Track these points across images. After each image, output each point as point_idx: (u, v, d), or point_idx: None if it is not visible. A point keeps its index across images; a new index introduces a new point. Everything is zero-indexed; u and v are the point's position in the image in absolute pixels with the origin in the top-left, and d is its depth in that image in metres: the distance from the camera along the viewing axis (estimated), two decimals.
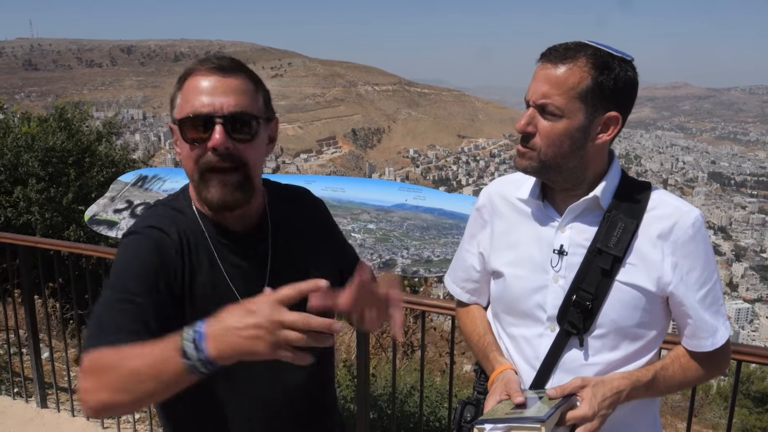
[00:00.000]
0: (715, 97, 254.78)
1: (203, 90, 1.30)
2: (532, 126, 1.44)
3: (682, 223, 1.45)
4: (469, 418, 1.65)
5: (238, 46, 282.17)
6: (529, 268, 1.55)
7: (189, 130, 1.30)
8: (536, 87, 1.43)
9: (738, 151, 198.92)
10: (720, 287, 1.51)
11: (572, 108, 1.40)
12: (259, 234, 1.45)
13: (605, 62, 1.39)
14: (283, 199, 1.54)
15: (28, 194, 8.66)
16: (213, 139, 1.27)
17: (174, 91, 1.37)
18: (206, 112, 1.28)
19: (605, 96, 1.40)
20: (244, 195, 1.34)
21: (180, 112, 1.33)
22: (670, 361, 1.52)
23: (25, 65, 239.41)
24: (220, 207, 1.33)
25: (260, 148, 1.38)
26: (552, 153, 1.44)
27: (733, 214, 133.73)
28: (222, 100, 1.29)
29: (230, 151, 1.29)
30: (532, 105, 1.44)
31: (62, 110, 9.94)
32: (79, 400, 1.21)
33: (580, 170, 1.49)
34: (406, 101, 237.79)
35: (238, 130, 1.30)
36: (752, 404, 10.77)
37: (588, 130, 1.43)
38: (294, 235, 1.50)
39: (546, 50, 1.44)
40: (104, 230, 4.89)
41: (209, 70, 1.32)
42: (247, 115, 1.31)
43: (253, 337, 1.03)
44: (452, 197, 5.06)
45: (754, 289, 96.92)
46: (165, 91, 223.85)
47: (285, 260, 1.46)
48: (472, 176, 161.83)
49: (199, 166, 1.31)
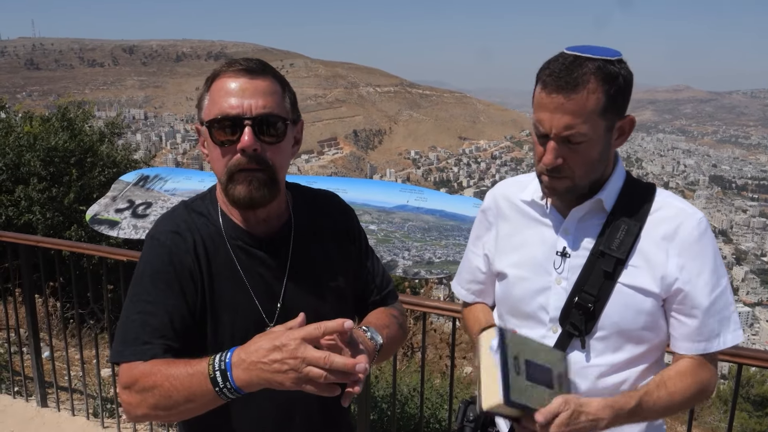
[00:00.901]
0: (717, 101, 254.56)
1: (231, 92, 1.30)
2: (561, 158, 1.42)
3: (687, 224, 1.44)
4: (471, 417, 1.64)
5: (240, 46, 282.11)
6: (533, 270, 1.56)
7: (218, 132, 1.31)
8: (554, 120, 1.38)
9: (739, 154, 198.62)
10: (729, 291, 1.47)
11: (596, 129, 1.39)
12: (281, 238, 1.45)
13: (609, 73, 1.37)
14: (308, 204, 1.54)
15: (29, 194, 8.67)
16: (242, 141, 1.28)
17: (201, 93, 1.38)
18: (235, 114, 1.29)
19: (619, 104, 1.41)
20: (270, 193, 1.34)
21: (208, 114, 1.33)
22: (654, 386, 1.45)
23: (27, 65, 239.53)
24: (246, 204, 1.34)
25: (287, 150, 1.38)
26: (585, 174, 1.45)
27: (734, 217, 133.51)
28: (250, 102, 1.29)
29: (258, 153, 1.30)
30: (554, 138, 1.40)
31: (65, 110, 9.96)
32: (124, 411, 1.33)
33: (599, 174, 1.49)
34: (407, 103, 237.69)
35: (266, 131, 1.31)
36: (752, 408, 10.75)
37: (609, 141, 1.44)
38: (315, 241, 1.50)
39: (548, 78, 1.38)
40: (105, 230, 4.89)
41: (237, 72, 1.32)
42: (274, 117, 1.32)
43: (278, 371, 1.09)
44: (454, 199, 5.07)
45: (755, 292, 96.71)
46: (167, 91, 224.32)
47: (304, 266, 1.46)
48: (473, 178, 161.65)
49: (228, 167, 1.32)
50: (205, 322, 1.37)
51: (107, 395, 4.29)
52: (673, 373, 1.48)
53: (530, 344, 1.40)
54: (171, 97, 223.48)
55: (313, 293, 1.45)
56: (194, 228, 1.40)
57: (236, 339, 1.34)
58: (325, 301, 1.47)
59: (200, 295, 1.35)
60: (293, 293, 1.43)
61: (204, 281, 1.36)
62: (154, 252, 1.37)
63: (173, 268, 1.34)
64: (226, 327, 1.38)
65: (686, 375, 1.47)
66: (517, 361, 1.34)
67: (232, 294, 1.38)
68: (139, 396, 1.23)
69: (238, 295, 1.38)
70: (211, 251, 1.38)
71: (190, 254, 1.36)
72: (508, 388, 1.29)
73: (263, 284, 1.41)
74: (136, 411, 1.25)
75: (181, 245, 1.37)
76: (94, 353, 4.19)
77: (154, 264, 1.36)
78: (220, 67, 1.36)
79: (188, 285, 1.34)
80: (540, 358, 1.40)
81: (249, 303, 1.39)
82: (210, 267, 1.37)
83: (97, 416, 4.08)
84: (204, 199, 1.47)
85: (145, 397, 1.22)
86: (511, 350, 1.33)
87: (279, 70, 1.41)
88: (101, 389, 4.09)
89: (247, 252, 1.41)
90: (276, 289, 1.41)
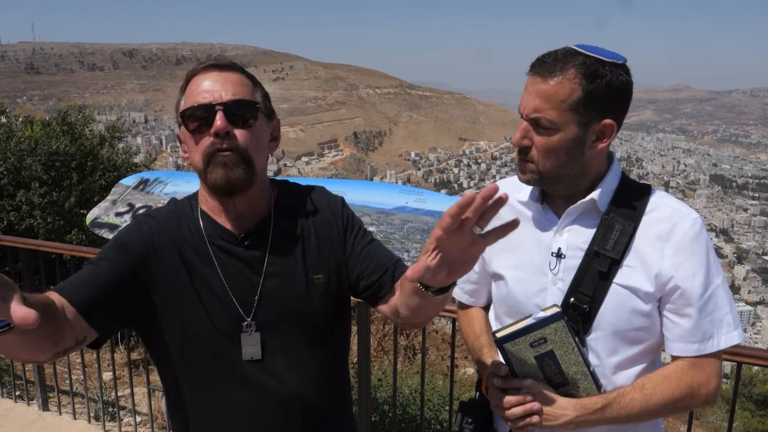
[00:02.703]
0: (717, 100, 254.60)
1: (202, 85, 1.37)
2: (528, 139, 1.44)
3: (682, 224, 1.43)
4: (470, 420, 1.64)
5: (239, 49, 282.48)
6: (529, 271, 1.56)
7: (191, 121, 1.36)
8: (528, 101, 1.42)
9: (740, 153, 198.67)
10: (726, 292, 1.46)
11: (565, 120, 1.39)
12: (260, 231, 1.46)
13: (595, 70, 1.37)
14: (292, 198, 1.55)
15: (30, 198, 8.67)
16: (214, 125, 1.33)
17: (179, 97, 1.43)
18: (206, 102, 1.34)
19: (598, 105, 1.39)
20: (246, 174, 1.37)
21: (183, 108, 1.39)
22: (630, 387, 1.44)
23: (28, 69, 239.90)
24: (223, 186, 1.36)
25: (261, 139, 1.42)
26: (550, 165, 1.44)
27: (735, 216, 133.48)
28: (221, 91, 1.35)
29: (231, 135, 1.34)
30: (525, 118, 1.43)
31: (65, 114, 9.97)
32: None
33: (580, 177, 1.48)
34: (407, 104, 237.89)
35: (238, 116, 1.36)
36: (755, 407, 10.75)
37: (583, 140, 1.42)
38: (296, 235, 1.50)
39: (535, 61, 1.43)
40: (106, 233, 4.90)
41: (207, 68, 1.39)
42: (245, 102, 1.37)
43: None
44: (453, 200, 5.06)
45: (756, 291, 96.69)
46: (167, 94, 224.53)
47: (282, 261, 1.46)
48: (474, 179, 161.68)
49: (204, 154, 1.36)
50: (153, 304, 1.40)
51: (108, 399, 4.29)
52: (656, 376, 1.46)
53: (567, 348, 1.42)
54: (171, 100, 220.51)
55: (292, 287, 1.45)
56: (174, 219, 1.46)
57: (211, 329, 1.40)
58: (305, 295, 1.46)
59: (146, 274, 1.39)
60: (271, 288, 1.44)
61: (157, 265, 1.40)
62: (128, 228, 1.46)
63: (130, 240, 1.42)
64: (199, 318, 1.41)
65: (670, 378, 1.45)
66: (542, 341, 1.41)
67: (209, 289, 1.41)
68: None
69: (215, 289, 1.41)
70: (188, 243, 1.43)
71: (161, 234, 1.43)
72: (513, 338, 1.41)
73: (240, 279, 1.43)
74: None
75: (153, 225, 1.44)
76: (95, 356, 4.19)
77: (120, 234, 1.44)
78: (191, 70, 1.42)
79: (136, 262, 1.38)
80: (563, 361, 1.42)
81: (224, 296, 1.41)
82: (186, 259, 1.41)
83: (98, 420, 4.08)
84: (188, 198, 1.53)
85: None
86: (547, 331, 1.40)
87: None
88: (102, 392, 4.09)
89: (223, 248, 1.43)
90: (254, 283, 1.43)
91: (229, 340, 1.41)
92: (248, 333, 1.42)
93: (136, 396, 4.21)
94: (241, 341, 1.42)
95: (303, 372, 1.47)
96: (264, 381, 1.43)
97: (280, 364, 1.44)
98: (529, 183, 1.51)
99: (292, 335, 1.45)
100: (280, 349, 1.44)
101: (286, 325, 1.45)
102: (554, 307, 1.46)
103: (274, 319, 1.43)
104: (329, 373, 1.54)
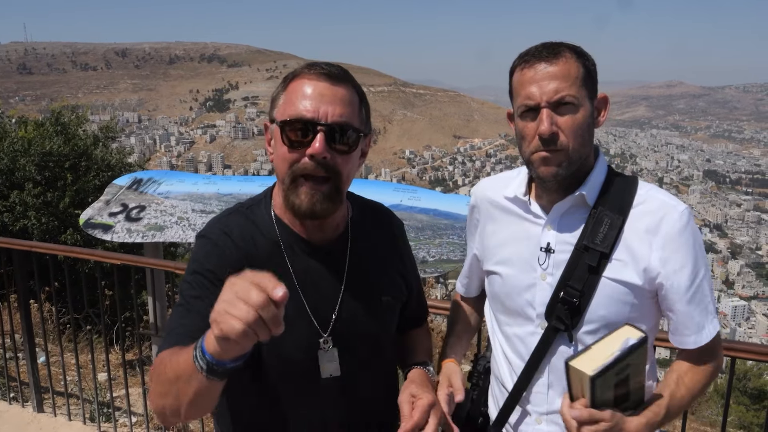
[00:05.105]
0: (710, 96, 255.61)
1: (309, 95, 1.28)
2: (555, 126, 1.41)
3: (670, 217, 1.44)
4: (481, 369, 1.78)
5: (233, 48, 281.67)
6: (519, 267, 1.56)
7: (290, 132, 1.29)
8: (543, 87, 1.40)
9: (733, 149, 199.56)
10: (709, 282, 1.49)
11: (582, 95, 1.43)
12: (338, 246, 1.43)
13: (581, 52, 1.46)
14: (366, 214, 1.54)
15: (24, 199, 8.64)
16: (313, 146, 1.26)
17: (277, 91, 1.36)
18: (309, 117, 1.27)
19: (594, 80, 1.47)
20: (333, 205, 1.33)
21: (282, 113, 1.31)
22: (675, 386, 1.47)
23: (20, 69, 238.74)
24: (306, 215, 1.32)
25: (355, 162, 1.36)
26: (579, 146, 1.44)
27: (729, 211, 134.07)
28: (327, 108, 1.27)
29: (327, 160, 1.28)
30: (545, 105, 1.40)
31: (59, 114, 9.93)
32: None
33: (585, 159, 1.49)
34: (401, 102, 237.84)
35: (339, 140, 1.29)
36: (749, 401, 10.81)
37: (593, 115, 1.48)
38: (370, 252, 1.48)
39: (527, 56, 1.44)
40: (99, 234, 4.88)
41: (318, 75, 1.30)
42: (349, 127, 1.30)
43: (220, 316, 0.98)
44: (447, 197, 5.06)
45: (750, 286, 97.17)
46: (160, 93, 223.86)
47: (359, 275, 1.44)
48: (469, 176, 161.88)
49: (292, 170, 1.30)
50: None
51: (103, 400, 4.27)
52: (686, 368, 1.50)
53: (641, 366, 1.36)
54: (165, 99, 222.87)
55: (367, 305, 1.43)
56: (247, 234, 1.37)
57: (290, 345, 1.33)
58: (377, 314, 1.45)
59: None
60: (349, 304, 1.41)
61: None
62: (202, 250, 1.36)
63: (216, 269, 1.31)
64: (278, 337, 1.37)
65: (697, 368, 1.50)
66: (626, 367, 1.32)
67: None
68: (153, 384, 1.20)
69: (292, 304, 1.32)
70: (264, 258, 1.35)
71: (238, 256, 1.33)
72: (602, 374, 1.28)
73: (318, 294, 1.38)
74: (153, 400, 1.20)
75: (230, 245, 1.35)
76: (90, 357, 4.18)
77: (200, 262, 1.34)
78: (300, 68, 1.33)
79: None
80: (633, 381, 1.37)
81: (301, 312, 1.36)
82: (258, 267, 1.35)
83: (93, 421, 4.06)
84: (260, 204, 1.44)
85: (153, 383, 1.20)
86: (633, 357, 1.32)
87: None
88: (97, 394, 4.07)
89: (302, 260, 1.38)
90: (332, 299, 1.39)
91: (307, 356, 1.38)
92: (325, 350, 1.38)
93: (132, 396, 4.20)
94: (318, 357, 1.38)
95: (378, 388, 1.49)
96: (345, 398, 1.42)
97: (359, 381, 1.43)
98: (556, 177, 1.45)
99: (366, 352, 1.44)
100: (356, 366, 1.42)
101: (361, 342, 1.43)
102: (627, 327, 1.36)
103: (350, 336, 1.41)
104: (393, 389, 1.54)
